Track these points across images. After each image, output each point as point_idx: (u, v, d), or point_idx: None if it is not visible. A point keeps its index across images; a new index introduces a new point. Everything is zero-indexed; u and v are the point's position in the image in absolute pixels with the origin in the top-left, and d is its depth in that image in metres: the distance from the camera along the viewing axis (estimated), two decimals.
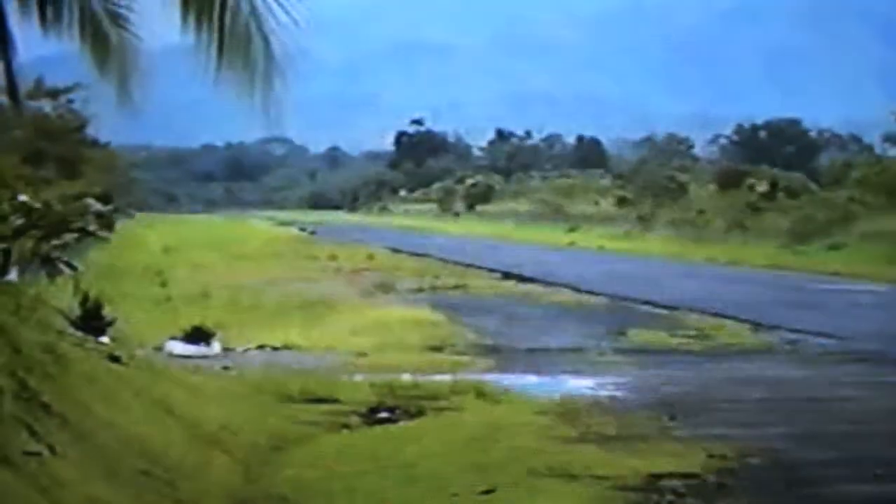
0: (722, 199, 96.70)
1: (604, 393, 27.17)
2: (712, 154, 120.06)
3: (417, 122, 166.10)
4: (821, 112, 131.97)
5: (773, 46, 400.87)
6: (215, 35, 18.18)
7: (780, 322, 40.67)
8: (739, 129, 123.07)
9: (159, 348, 31.64)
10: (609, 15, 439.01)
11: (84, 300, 26.79)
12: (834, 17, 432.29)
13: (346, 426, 23.66)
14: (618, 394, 27.08)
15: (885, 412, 25.28)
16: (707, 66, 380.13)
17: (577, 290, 53.10)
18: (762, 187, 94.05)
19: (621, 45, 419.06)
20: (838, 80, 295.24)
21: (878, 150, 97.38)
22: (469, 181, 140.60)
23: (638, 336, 37.39)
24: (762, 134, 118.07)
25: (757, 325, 39.98)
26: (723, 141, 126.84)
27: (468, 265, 66.66)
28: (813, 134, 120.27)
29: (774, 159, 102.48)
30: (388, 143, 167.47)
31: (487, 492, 17.68)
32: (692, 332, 38.20)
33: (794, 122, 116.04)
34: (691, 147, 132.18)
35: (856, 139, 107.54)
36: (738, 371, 31.28)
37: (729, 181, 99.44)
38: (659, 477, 18.69)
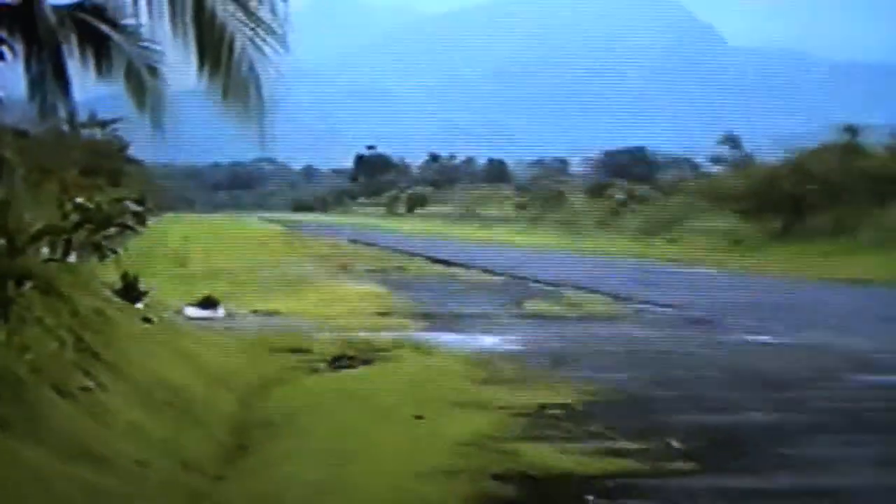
0: (591, 205, 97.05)
1: (505, 347, 27.23)
2: (585, 172, 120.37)
3: (371, 147, 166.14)
4: (663, 141, 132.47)
5: (627, 97, 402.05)
6: (221, 81, 18.18)
7: (632, 295, 40.71)
8: (605, 154, 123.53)
9: (179, 312, 31.57)
10: (518, 69, 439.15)
11: (124, 276, 26.73)
12: (674, 71, 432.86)
13: (316, 370, 23.67)
14: (515, 348, 27.14)
15: (711, 362, 25.38)
16: (583, 108, 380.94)
17: (487, 271, 53.08)
18: (620, 196, 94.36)
19: (527, 93, 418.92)
20: (675, 119, 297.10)
21: (703, 169, 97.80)
22: (409, 191, 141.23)
23: (530, 306, 37.41)
24: (620, 157, 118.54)
25: (615, 298, 40.01)
26: (592, 162, 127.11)
27: (407, 253, 66.53)
28: (656, 157, 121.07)
29: (628, 176, 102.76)
30: (349, 163, 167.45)
31: (419, 417, 17.76)
32: (569, 303, 38.21)
33: (642, 149, 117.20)
34: (569, 167, 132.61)
35: (688, 160, 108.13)
36: (601, 331, 31.33)
37: (596, 192, 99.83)
38: (544, 406, 18.81)
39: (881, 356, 25.94)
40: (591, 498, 13.38)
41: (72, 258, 18.48)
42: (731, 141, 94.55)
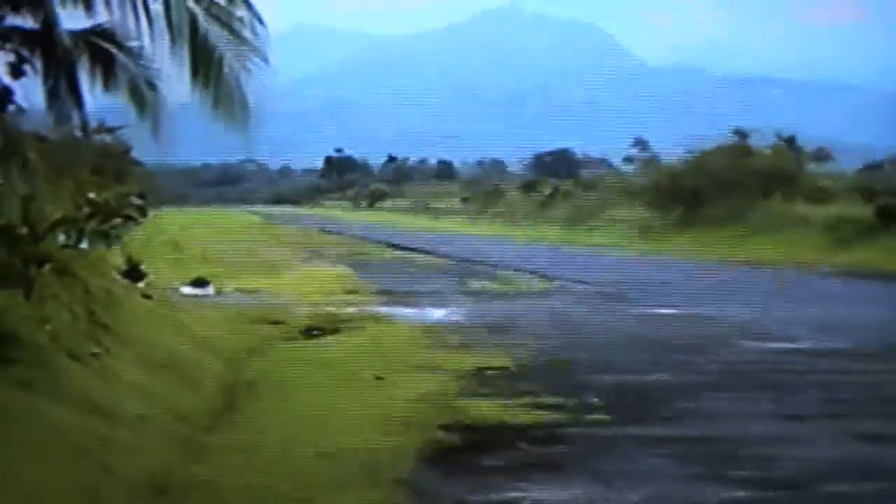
0: (524, 199, 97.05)
1: (452, 318, 27.29)
2: (519, 171, 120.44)
3: (339, 150, 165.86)
4: (584, 144, 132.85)
5: (556, 107, 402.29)
6: (211, 94, 18.19)
7: (557, 275, 40.79)
8: (536, 155, 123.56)
9: (175, 290, 31.50)
10: (465, 84, 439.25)
11: (128, 260, 26.66)
12: (595, 85, 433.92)
13: (291, 339, 23.71)
14: (460, 319, 27.20)
15: (624, 331, 25.52)
16: (518, 117, 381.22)
17: (437, 255, 53.08)
18: (548, 191, 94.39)
19: (471, 104, 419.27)
20: (594, 126, 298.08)
21: (617, 168, 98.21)
22: (370, 187, 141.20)
23: (473, 284, 37.45)
24: (548, 158, 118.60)
25: (543, 277, 40.11)
26: (525, 162, 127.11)
27: (369, 240, 66.46)
28: (579, 157, 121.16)
29: (555, 174, 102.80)
30: (319, 164, 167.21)
31: (379, 378, 17.81)
32: (506, 282, 38.29)
33: (566, 151, 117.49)
34: (506, 167, 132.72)
35: (605, 160, 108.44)
36: (531, 305, 31.43)
37: (528, 188, 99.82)
38: (484, 368, 18.89)
39: (767, 326, 26.13)
40: (522, 444, 13.46)
41: (84, 245, 18.45)
42: (641, 144, 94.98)
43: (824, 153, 76.74)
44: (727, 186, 68.29)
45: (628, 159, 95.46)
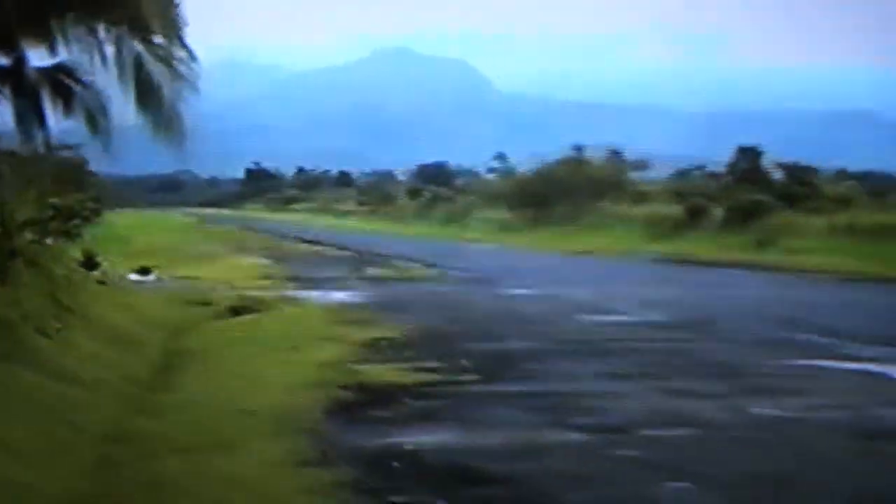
0: (409, 202, 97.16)
1: (352, 300, 27.21)
2: (405, 179, 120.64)
3: (257, 163, 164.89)
4: (457, 157, 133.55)
5: (434, 128, 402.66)
6: (153, 117, 18.14)
7: (438, 263, 40.88)
8: (419, 166, 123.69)
9: (123, 277, 31.13)
10: (361, 109, 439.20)
11: (85, 253, 26.35)
12: (466, 110, 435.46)
13: (220, 317, 23.55)
14: (358, 300, 27.14)
15: (489, 307, 25.63)
16: (403, 136, 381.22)
17: (340, 247, 52.96)
18: (428, 196, 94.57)
19: (366, 125, 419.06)
20: (465, 143, 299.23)
21: (483, 177, 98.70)
22: (284, 193, 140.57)
23: (370, 271, 37.40)
24: (429, 169, 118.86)
25: (428, 265, 40.19)
26: (410, 172, 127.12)
27: (283, 236, 66.15)
28: (453, 169, 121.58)
29: (434, 182, 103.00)
30: (241, 174, 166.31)
31: (293, 347, 17.76)
32: (396, 269, 38.32)
33: (443, 163, 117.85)
34: (395, 176, 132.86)
35: (473, 171, 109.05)
36: (418, 288, 31.45)
37: (413, 193, 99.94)
38: (377, 339, 18.85)
39: (599, 302, 26.37)
40: (406, 399, 13.50)
41: (49, 241, 18.23)
42: (501, 158, 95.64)
43: (643, 163, 77.96)
44: (568, 191, 68.95)
45: (491, 170, 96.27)
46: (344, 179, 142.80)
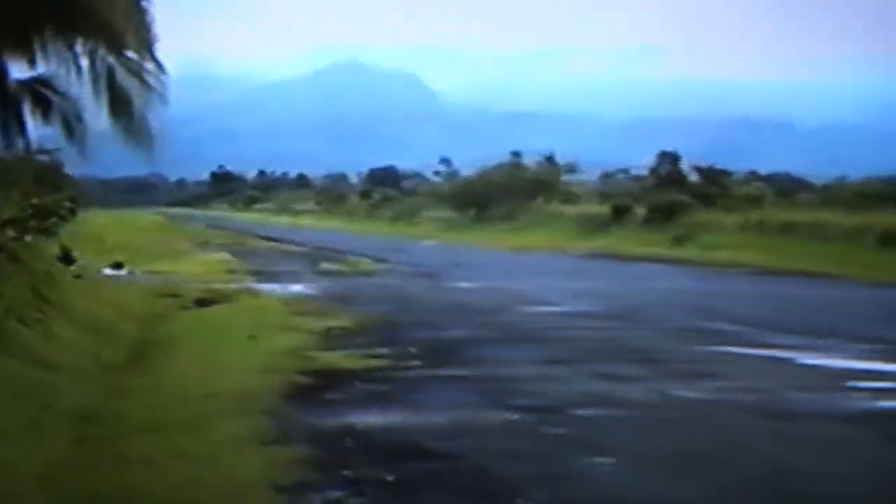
0: (361, 203, 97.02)
1: (307, 292, 27.18)
2: (359, 182, 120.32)
3: (222, 166, 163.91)
4: (405, 162, 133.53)
5: (385, 135, 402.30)
6: (124, 124, 18.12)
7: (386, 258, 40.93)
8: (370, 170, 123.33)
9: (98, 271, 30.91)
10: (318, 117, 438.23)
11: (63, 249, 26.14)
12: (413, 118, 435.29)
13: (187, 308, 23.39)
14: (313, 292, 27.09)
15: (434, 299, 25.67)
16: (357, 142, 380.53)
17: (298, 244, 52.87)
18: (378, 196, 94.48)
19: (322, 131, 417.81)
20: (411, 148, 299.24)
21: (429, 179, 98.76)
22: (246, 194, 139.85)
23: (324, 265, 37.38)
24: (379, 172, 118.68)
25: (377, 259, 40.17)
26: (362, 175, 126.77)
27: (245, 233, 65.88)
28: (401, 172, 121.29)
29: (384, 184, 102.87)
30: (207, 176, 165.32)
31: (253, 336, 17.70)
32: (348, 264, 38.24)
33: (392, 167, 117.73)
34: (348, 178, 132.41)
35: (419, 174, 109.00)
36: (368, 282, 31.46)
37: (364, 194, 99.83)
38: (331, 328, 18.86)
39: (535, 294, 26.49)
40: (357, 383, 13.51)
41: (29, 238, 18.08)
42: (446, 162, 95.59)
43: (574, 167, 78.24)
44: (506, 193, 69.23)
45: (437, 173, 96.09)
46: (302, 181, 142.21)
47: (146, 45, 17.65)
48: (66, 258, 25.96)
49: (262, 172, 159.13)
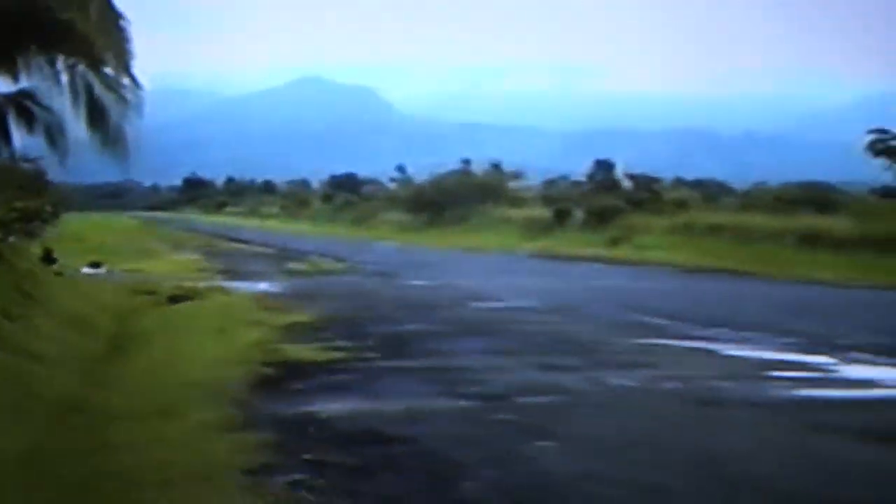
0: (326, 206, 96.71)
1: (274, 290, 27.04)
2: (320, 187, 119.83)
3: (193, 173, 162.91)
4: (364, 169, 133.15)
5: (345, 144, 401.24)
6: (101, 135, 18.06)
7: (349, 258, 40.85)
8: (331, 176, 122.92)
9: (77, 270, 30.63)
10: (284, 127, 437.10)
11: (45, 249, 25.91)
12: (368, 129, 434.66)
13: (161, 304, 23.24)
14: (279, 290, 26.99)
15: (391, 297, 25.66)
16: (319, 149, 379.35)
17: (265, 245, 52.65)
18: (340, 201, 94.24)
19: (287, 139, 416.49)
20: (370, 156, 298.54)
21: (386, 185, 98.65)
22: (216, 199, 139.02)
23: (289, 266, 37.13)
24: (340, 178, 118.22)
25: (338, 259, 40.08)
26: (324, 181, 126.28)
27: (215, 235, 65.50)
28: (361, 178, 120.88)
29: (344, 189, 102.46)
30: (179, 182, 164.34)
31: (223, 330, 17.60)
32: (312, 264, 38.07)
33: (353, 174, 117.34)
34: (311, 184, 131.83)
35: (376, 180, 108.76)
36: (330, 280, 31.41)
37: (326, 198, 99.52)
38: (295, 323, 18.79)
39: (483, 291, 26.53)
40: (320, 374, 13.48)
41: (13, 239, 17.93)
42: (401, 169, 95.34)
43: (519, 174, 78.45)
44: (457, 198, 69.24)
45: (393, 179, 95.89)
46: (268, 187, 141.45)
47: (123, 61, 17.56)
48: (48, 258, 25.75)
49: (230, 179, 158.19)
